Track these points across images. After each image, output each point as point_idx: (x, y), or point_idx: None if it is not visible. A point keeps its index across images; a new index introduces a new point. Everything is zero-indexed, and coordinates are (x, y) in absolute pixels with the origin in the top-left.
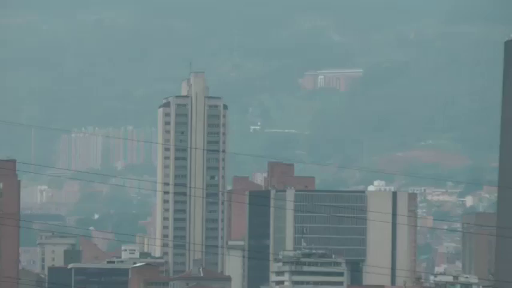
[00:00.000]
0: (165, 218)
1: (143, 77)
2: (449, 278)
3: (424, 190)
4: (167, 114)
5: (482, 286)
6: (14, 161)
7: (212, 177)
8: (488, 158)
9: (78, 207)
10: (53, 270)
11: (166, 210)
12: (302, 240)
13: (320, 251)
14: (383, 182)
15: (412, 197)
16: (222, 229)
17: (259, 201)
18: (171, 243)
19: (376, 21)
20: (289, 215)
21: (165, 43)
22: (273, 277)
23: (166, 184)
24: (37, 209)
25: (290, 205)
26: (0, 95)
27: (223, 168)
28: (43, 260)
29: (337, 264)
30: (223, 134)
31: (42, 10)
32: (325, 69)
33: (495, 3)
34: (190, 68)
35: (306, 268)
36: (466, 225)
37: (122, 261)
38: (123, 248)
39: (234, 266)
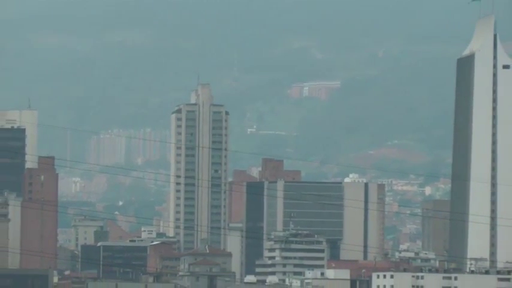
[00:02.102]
0: (177, 205)
1: (159, 88)
2: (412, 254)
3: (391, 181)
4: (179, 119)
5: (439, 261)
6: (52, 158)
7: (216, 171)
8: (443, 155)
9: (105, 196)
10: (84, 247)
11: (178, 198)
12: (290, 222)
13: (305, 232)
14: (357, 175)
15: (381, 187)
16: (224, 213)
17: (254, 190)
18: (182, 225)
19: (352, 42)
20: (280, 202)
21: (177, 59)
22: (266, 253)
23: (178, 176)
24: (72, 197)
25: (280, 194)
26: (41, 103)
27: (225, 163)
28: (77, 239)
29: (318, 242)
30: (225, 135)
31: (75, 33)
32: (309, 81)
33: (450, 26)
34: (198, 80)
35: (293, 246)
36: (425, 210)
37: (141, 240)
38: (142, 229)
39: (234, 244)
